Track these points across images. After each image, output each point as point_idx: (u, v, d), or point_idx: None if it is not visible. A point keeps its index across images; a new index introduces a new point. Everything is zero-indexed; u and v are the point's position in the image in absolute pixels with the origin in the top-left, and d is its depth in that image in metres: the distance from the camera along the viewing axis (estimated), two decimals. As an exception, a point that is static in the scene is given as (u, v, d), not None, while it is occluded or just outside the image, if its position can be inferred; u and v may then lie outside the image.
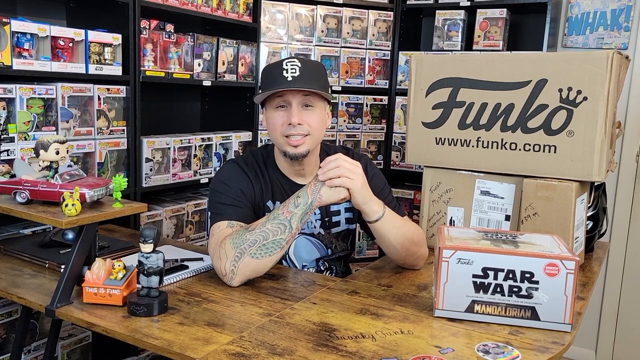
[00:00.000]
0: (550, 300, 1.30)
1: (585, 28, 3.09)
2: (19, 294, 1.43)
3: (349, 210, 1.79)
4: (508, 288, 1.32)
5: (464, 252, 1.32)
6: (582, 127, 1.69)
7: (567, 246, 1.37)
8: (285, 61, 1.60)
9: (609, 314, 3.22)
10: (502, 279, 1.32)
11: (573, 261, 1.28)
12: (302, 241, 1.74)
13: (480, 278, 1.33)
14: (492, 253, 1.32)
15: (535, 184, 1.75)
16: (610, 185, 3.06)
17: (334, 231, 1.77)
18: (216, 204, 1.62)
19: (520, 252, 1.31)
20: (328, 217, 1.76)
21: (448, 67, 1.89)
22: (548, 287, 1.30)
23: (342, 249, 1.81)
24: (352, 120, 3.19)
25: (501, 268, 1.31)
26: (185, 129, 2.88)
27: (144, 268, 1.30)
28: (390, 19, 3.18)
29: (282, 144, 1.62)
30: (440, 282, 1.34)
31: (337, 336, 1.22)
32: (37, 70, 1.90)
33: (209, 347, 1.15)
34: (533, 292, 1.31)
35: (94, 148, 2.12)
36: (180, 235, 2.54)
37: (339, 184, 1.47)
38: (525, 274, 1.31)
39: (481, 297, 1.33)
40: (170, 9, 2.38)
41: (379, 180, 1.77)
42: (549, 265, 1.29)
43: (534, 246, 1.36)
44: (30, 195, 1.41)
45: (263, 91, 1.61)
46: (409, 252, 1.63)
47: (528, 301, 1.31)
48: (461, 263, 1.33)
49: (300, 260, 1.75)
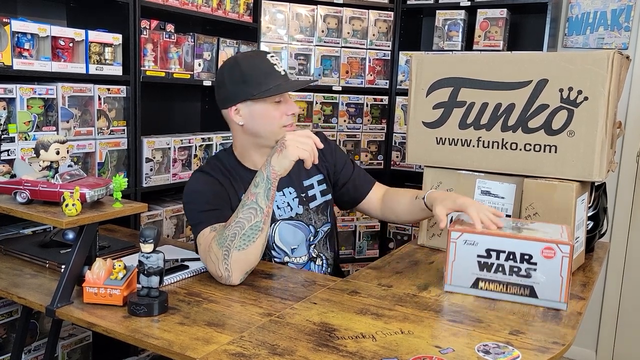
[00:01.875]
0: (547, 281, 1.43)
1: (586, 28, 3.09)
2: (19, 294, 1.43)
3: (322, 182, 1.83)
4: (509, 268, 1.46)
5: (470, 234, 1.49)
6: (583, 127, 1.69)
7: (571, 235, 1.49)
8: (267, 55, 1.67)
9: (610, 314, 3.21)
10: (503, 259, 1.46)
11: (568, 245, 1.40)
12: (284, 226, 1.76)
13: (484, 258, 1.48)
14: (495, 236, 1.47)
15: (535, 184, 1.75)
16: (611, 185, 3.06)
17: (312, 205, 1.80)
18: (193, 213, 1.62)
19: (520, 236, 1.46)
20: (304, 192, 1.79)
21: (448, 67, 1.89)
22: (545, 268, 1.43)
23: (323, 222, 1.83)
24: (352, 120, 3.19)
25: (503, 250, 1.46)
26: (185, 129, 2.87)
27: (144, 268, 1.30)
28: (390, 19, 3.18)
29: (278, 134, 1.63)
30: (449, 261, 1.52)
31: (337, 336, 1.22)
32: (38, 70, 1.90)
33: (209, 347, 1.15)
34: (531, 272, 1.44)
35: (95, 148, 2.12)
36: (181, 235, 2.53)
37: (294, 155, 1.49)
38: (524, 255, 1.45)
39: (485, 275, 1.48)
40: (171, 9, 2.38)
41: (341, 152, 1.91)
42: (546, 248, 1.42)
43: (536, 232, 1.49)
44: (30, 195, 1.41)
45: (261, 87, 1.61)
46: None
47: (527, 280, 1.45)
48: (467, 244, 1.49)
49: (288, 244, 1.77)
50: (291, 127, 1.68)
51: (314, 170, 1.81)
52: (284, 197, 1.77)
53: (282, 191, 1.77)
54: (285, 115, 1.66)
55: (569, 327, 1.32)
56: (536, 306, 1.44)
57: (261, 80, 1.62)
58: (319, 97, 3.12)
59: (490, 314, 1.38)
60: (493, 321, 1.34)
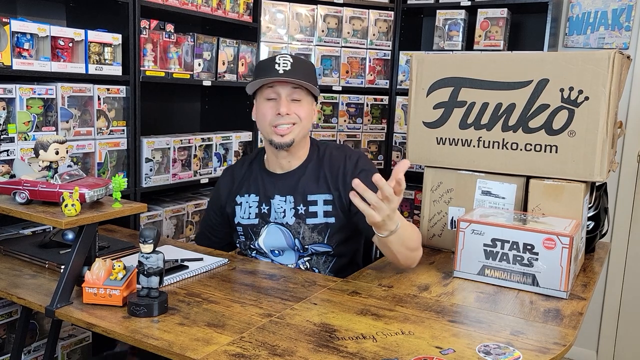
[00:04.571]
0: (548, 270, 1.51)
1: (587, 28, 3.09)
2: (18, 295, 1.42)
3: (328, 203, 1.76)
4: (512, 257, 1.56)
5: (477, 224, 1.59)
6: (584, 127, 1.69)
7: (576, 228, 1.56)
8: (278, 56, 1.71)
9: (610, 314, 3.21)
10: (507, 249, 1.56)
11: (568, 237, 1.48)
12: (272, 228, 1.79)
13: (490, 247, 1.58)
14: (500, 227, 1.56)
15: (542, 185, 1.74)
16: (612, 185, 3.05)
17: (310, 222, 1.76)
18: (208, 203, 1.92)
19: (523, 227, 1.55)
20: (305, 206, 1.76)
21: (449, 66, 1.89)
22: (546, 258, 1.51)
23: (313, 241, 1.76)
24: (352, 120, 3.19)
25: (507, 239, 1.55)
26: (185, 129, 2.87)
27: (144, 268, 1.30)
28: (390, 18, 3.17)
29: (270, 133, 1.72)
30: (458, 249, 1.62)
31: (337, 337, 1.22)
32: (37, 71, 1.89)
33: (209, 348, 1.15)
34: (533, 261, 1.53)
35: (94, 148, 2.11)
36: (181, 235, 2.53)
37: (367, 212, 1.39)
38: (527, 245, 1.53)
39: (490, 263, 1.59)
40: (170, 8, 2.37)
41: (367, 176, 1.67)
42: (547, 239, 1.50)
43: (541, 224, 1.57)
44: (30, 195, 1.41)
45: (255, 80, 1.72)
46: (406, 258, 1.61)
47: (529, 269, 1.54)
48: (474, 233, 1.60)
49: (269, 246, 1.80)
50: (281, 130, 1.69)
51: (324, 187, 1.76)
52: (283, 202, 1.78)
53: (284, 197, 1.78)
54: (275, 114, 1.68)
55: (570, 328, 1.32)
56: (537, 307, 1.44)
57: (259, 75, 1.72)
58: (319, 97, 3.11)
59: (491, 315, 1.38)
60: (494, 322, 1.34)
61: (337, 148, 1.86)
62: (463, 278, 1.62)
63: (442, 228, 1.93)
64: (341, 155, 1.80)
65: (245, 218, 1.83)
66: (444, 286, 1.58)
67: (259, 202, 1.81)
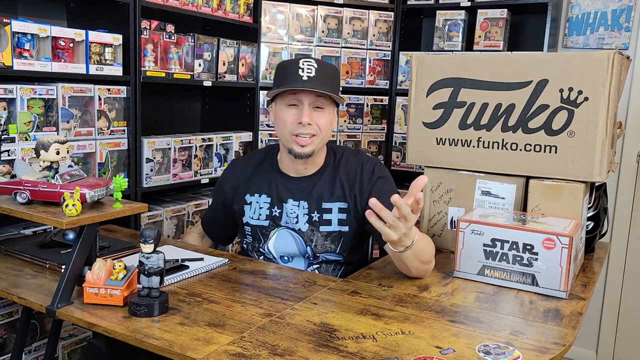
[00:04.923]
0: (548, 270, 1.51)
1: (586, 28, 3.09)
2: (19, 294, 1.42)
3: (343, 211, 1.74)
4: (512, 257, 1.56)
5: (476, 224, 1.59)
6: (583, 128, 1.69)
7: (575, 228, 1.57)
8: (302, 60, 1.64)
9: (610, 314, 3.21)
10: (507, 249, 1.56)
11: (567, 237, 1.48)
12: (284, 233, 1.76)
13: (490, 247, 1.58)
14: (499, 227, 1.56)
15: (542, 185, 1.75)
16: (611, 186, 3.06)
17: (324, 230, 1.74)
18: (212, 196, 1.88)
19: (523, 227, 1.55)
20: (319, 213, 1.74)
21: (449, 67, 1.89)
22: (546, 258, 1.51)
23: (326, 249, 1.75)
24: (352, 120, 3.19)
25: (506, 239, 1.55)
26: (185, 129, 2.87)
27: (145, 268, 1.30)
28: (390, 19, 3.18)
29: (289, 141, 1.67)
30: (457, 249, 1.62)
31: (337, 337, 1.22)
32: (38, 71, 1.89)
33: (209, 348, 1.15)
34: (533, 261, 1.53)
35: (95, 148, 2.12)
36: (181, 235, 2.53)
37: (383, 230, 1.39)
38: (526, 245, 1.53)
39: (490, 263, 1.58)
40: (171, 9, 2.38)
41: (384, 184, 1.73)
42: (547, 239, 1.50)
43: (540, 224, 1.58)
44: (30, 195, 1.41)
45: (277, 87, 1.65)
46: (418, 271, 1.61)
47: (529, 269, 1.54)
48: (474, 233, 1.59)
49: (278, 251, 1.78)
50: (302, 140, 1.64)
51: (340, 194, 1.73)
52: (297, 208, 1.75)
53: (298, 202, 1.75)
54: (297, 123, 1.63)
55: (570, 328, 1.32)
56: (536, 307, 1.45)
57: (282, 80, 1.66)
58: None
59: (490, 315, 1.38)
60: (493, 321, 1.34)
61: (353, 154, 1.81)
62: (463, 278, 1.63)
63: (442, 228, 1.94)
64: (358, 163, 1.77)
65: (255, 218, 1.79)
66: (444, 286, 1.59)
67: (271, 204, 1.77)
